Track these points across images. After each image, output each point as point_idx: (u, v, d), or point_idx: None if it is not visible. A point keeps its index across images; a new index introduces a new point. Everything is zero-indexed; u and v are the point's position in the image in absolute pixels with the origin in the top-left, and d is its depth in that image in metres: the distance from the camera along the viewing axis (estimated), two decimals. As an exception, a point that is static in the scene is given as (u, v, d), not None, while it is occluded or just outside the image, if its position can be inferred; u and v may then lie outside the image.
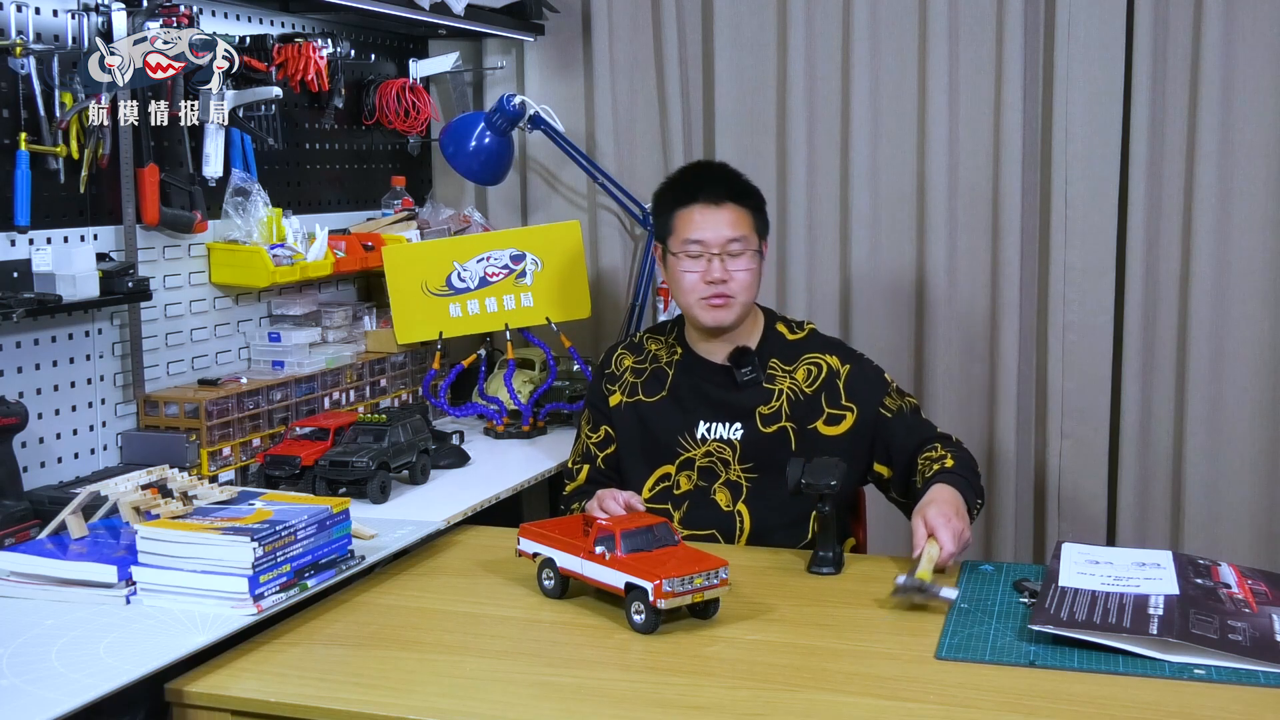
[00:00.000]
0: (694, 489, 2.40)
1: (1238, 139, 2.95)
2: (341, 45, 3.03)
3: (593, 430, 2.54)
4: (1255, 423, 3.01)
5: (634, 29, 3.40)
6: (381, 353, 3.04)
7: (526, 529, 2.09)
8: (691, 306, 2.40)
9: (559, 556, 2.01)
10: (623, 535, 1.92)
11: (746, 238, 2.38)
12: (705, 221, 2.37)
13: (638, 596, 1.86)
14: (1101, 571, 2.00)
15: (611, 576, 1.91)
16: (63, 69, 2.25)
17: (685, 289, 2.39)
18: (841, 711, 1.62)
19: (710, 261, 2.36)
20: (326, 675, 1.76)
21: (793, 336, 2.49)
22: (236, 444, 2.56)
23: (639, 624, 1.87)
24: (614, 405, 2.50)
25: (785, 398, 2.40)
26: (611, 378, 2.53)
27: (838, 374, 2.41)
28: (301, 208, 3.00)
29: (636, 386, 2.49)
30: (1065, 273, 3.11)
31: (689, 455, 2.41)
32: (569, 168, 3.48)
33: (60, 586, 1.90)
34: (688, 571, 1.85)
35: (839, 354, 2.44)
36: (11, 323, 2.15)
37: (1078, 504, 3.16)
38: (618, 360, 2.55)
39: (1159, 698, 1.64)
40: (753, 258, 2.38)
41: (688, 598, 1.86)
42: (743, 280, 2.37)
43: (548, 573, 2.04)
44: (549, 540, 2.04)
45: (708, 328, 2.40)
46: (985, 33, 3.11)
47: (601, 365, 2.58)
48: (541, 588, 2.05)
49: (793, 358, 2.44)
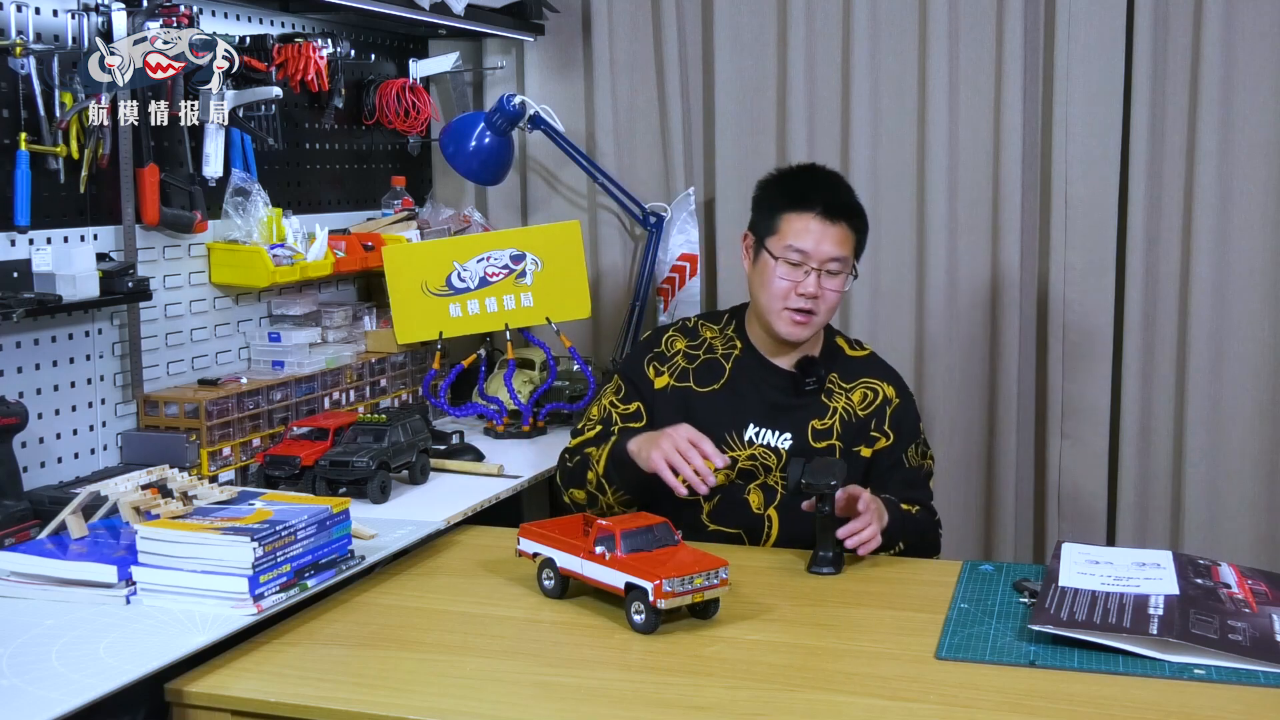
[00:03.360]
0: (729, 484, 2.37)
1: (1238, 139, 2.95)
2: (341, 45, 3.03)
3: (624, 401, 2.45)
4: (1255, 423, 3.01)
5: (634, 29, 3.40)
6: (381, 353, 3.04)
7: (527, 529, 2.09)
8: (772, 313, 2.35)
9: (559, 556, 2.01)
10: (623, 535, 1.92)
11: (847, 259, 2.34)
12: (816, 234, 2.31)
13: (638, 596, 1.86)
14: (1101, 571, 2.00)
15: (611, 576, 1.91)
16: (63, 69, 2.25)
17: (774, 293, 2.33)
18: (841, 711, 1.62)
19: (808, 275, 2.31)
20: (326, 675, 1.76)
21: (853, 353, 2.47)
22: (236, 444, 2.56)
23: (639, 624, 1.87)
24: (660, 387, 2.42)
25: (839, 417, 2.37)
26: (661, 358, 2.46)
27: (889, 402, 2.39)
28: (301, 208, 3.00)
29: (688, 372, 2.43)
30: (1065, 273, 3.11)
31: (732, 454, 2.34)
32: (569, 168, 3.48)
33: (60, 586, 1.90)
34: (688, 572, 1.85)
35: (895, 385, 2.43)
36: (11, 323, 2.14)
37: (1078, 504, 3.16)
38: (669, 342, 2.48)
39: (1159, 698, 1.64)
40: (846, 279, 2.35)
41: (688, 598, 1.86)
42: (831, 301, 2.34)
43: (548, 573, 2.03)
44: (549, 540, 2.04)
45: (781, 339, 2.37)
46: (985, 33, 3.11)
47: (649, 343, 2.51)
48: (541, 588, 2.05)
49: (852, 377, 2.41)
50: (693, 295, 3.31)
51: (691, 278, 3.31)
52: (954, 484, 3.23)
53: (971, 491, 3.25)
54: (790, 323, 2.34)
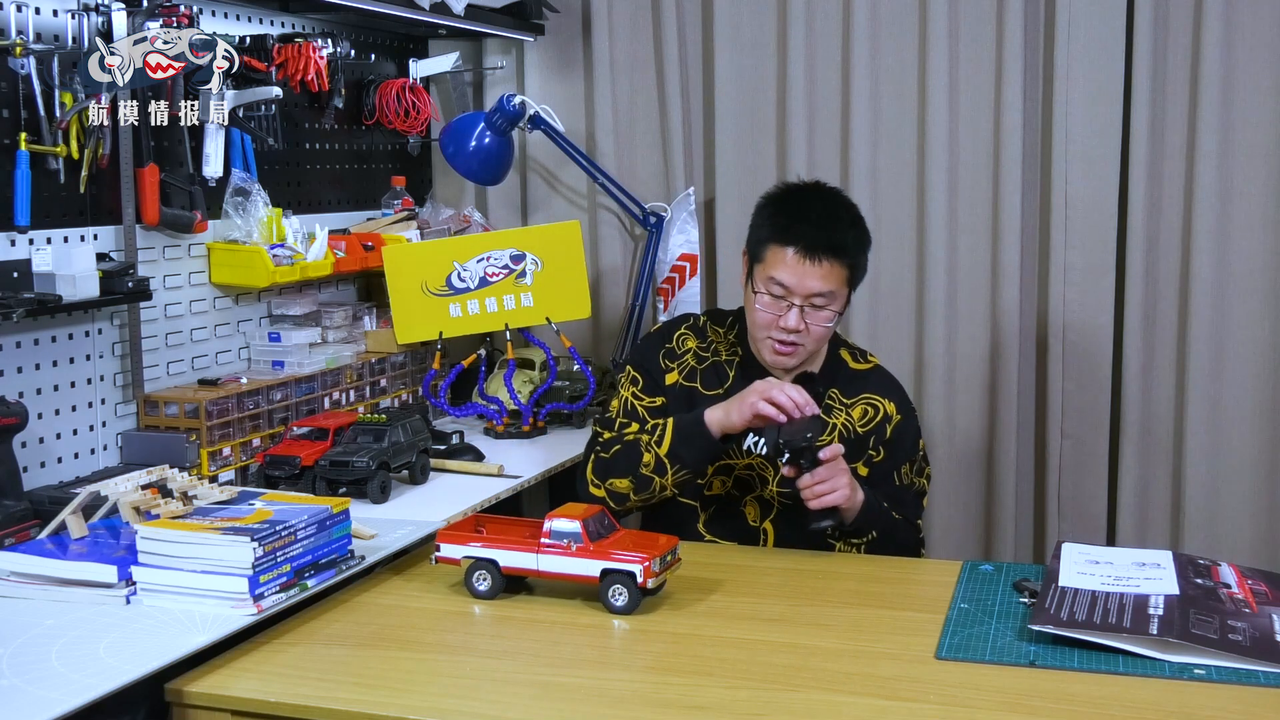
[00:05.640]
0: (724, 495, 2.36)
1: (1238, 139, 2.95)
2: (341, 45, 3.03)
3: (646, 394, 2.40)
4: (1255, 423, 3.01)
5: (634, 29, 3.40)
6: (381, 353, 3.04)
7: (445, 534, 2.06)
8: (757, 340, 2.32)
9: (502, 556, 1.99)
10: (584, 524, 1.95)
11: (834, 293, 2.25)
12: (796, 270, 2.22)
13: (618, 580, 1.91)
14: (1101, 571, 2.00)
15: (583, 566, 1.94)
16: (63, 69, 2.25)
17: (757, 323, 2.29)
18: (841, 711, 1.62)
19: (790, 309, 2.24)
20: (326, 675, 1.75)
21: (856, 366, 2.42)
22: (236, 444, 2.56)
23: (622, 606, 1.91)
24: (670, 383, 2.39)
25: (839, 433, 2.33)
26: (671, 354, 2.42)
27: (890, 420, 2.36)
28: (301, 208, 3.00)
29: (696, 373, 2.39)
30: (1065, 273, 3.11)
31: (729, 462, 2.34)
32: (569, 168, 3.48)
33: (60, 586, 1.90)
34: (661, 552, 1.94)
35: (896, 401, 2.38)
36: (11, 323, 2.14)
37: (1078, 504, 3.16)
38: (680, 339, 2.44)
39: (1159, 698, 1.64)
40: (834, 314, 2.27)
41: (664, 576, 1.95)
42: (818, 334, 2.27)
43: (481, 574, 2.01)
44: (481, 541, 2.02)
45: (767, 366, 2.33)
46: (985, 33, 3.11)
47: (660, 337, 2.46)
48: (474, 591, 2.01)
49: (853, 392, 2.37)
50: (693, 295, 3.31)
51: (691, 278, 3.31)
52: (954, 484, 3.23)
53: (971, 491, 3.25)
54: (773, 352, 2.29)
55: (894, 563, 2.24)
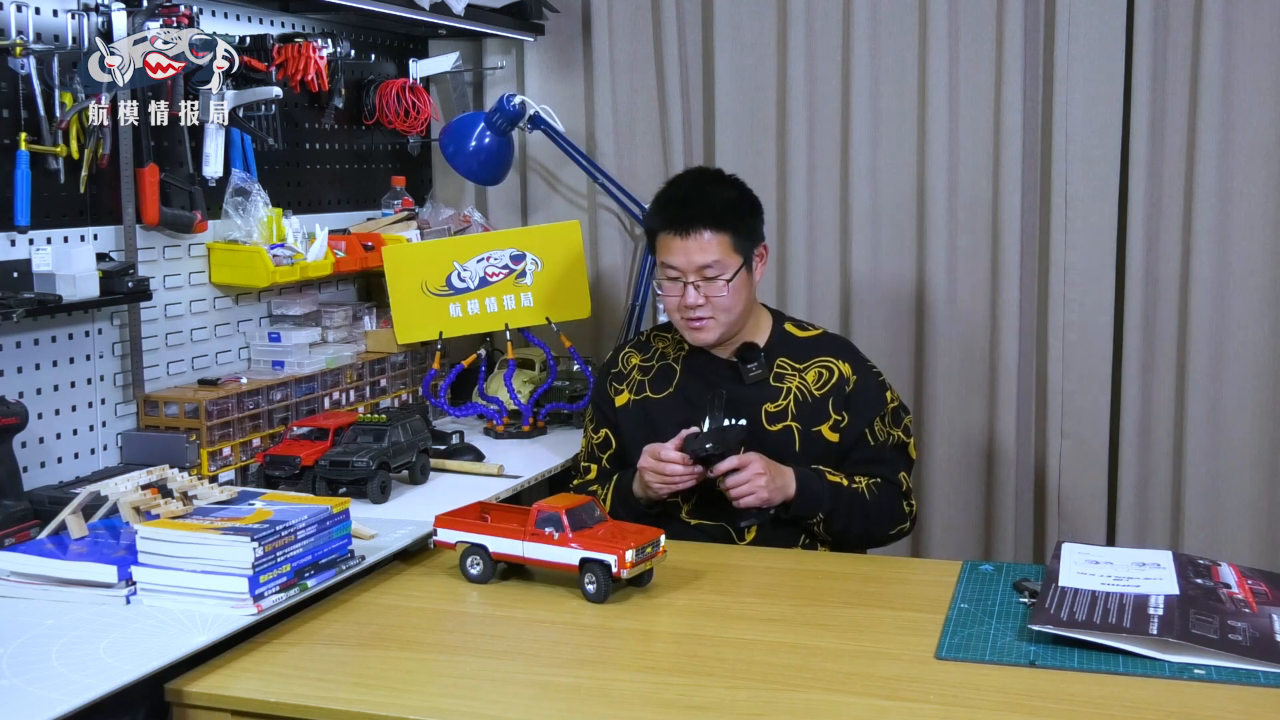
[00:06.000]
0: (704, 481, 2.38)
1: (1238, 139, 2.95)
2: (341, 45, 3.03)
3: (594, 431, 2.55)
4: (1255, 423, 3.01)
5: (634, 29, 3.40)
6: (381, 353, 3.04)
7: (443, 519, 2.13)
8: (676, 326, 2.43)
9: (492, 542, 2.07)
10: (568, 514, 2.01)
11: (720, 261, 2.34)
12: (677, 248, 2.35)
13: (592, 569, 1.97)
14: (1101, 571, 2.00)
15: (564, 555, 1.99)
16: (63, 69, 2.25)
17: (668, 310, 2.42)
18: (841, 711, 1.62)
19: (686, 288, 2.35)
20: (326, 675, 1.76)
21: (802, 334, 2.49)
22: (236, 444, 2.56)
23: (592, 594, 1.98)
24: (621, 405, 2.49)
25: (793, 397, 2.39)
26: (619, 377, 2.52)
27: (847, 381, 2.41)
28: (301, 208, 3.00)
29: (644, 384, 2.49)
30: (1065, 273, 3.11)
31: None
32: (569, 168, 3.48)
33: (60, 586, 1.90)
34: (640, 543, 1.98)
35: (851, 361, 2.44)
36: (11, 323, 2.14)
37: (1078, 504, 3.16)
38: (625, 359, 2.55)
39: (1159, 698, 1.64)
40: (729, 281, 2.34)
41: (642, 566, 1.99)
42: (722, 303, 2.35)
43: (474, 559, 2.09)
44: (474, 527, 2.10)
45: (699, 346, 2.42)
46: (985, 33, 3.11)
47: (607, 365, 2.58)
48: (467, 575, 2.09)
49: (804, 357, 2.44)
50: (692, 295, 3.31)
51: (691, 278, 3.31)
52: (954, 484, 3.23)
53: (971, 491, 3.25)
54: (689, 329, 2.39)
55: (894, 563, 2.24)
